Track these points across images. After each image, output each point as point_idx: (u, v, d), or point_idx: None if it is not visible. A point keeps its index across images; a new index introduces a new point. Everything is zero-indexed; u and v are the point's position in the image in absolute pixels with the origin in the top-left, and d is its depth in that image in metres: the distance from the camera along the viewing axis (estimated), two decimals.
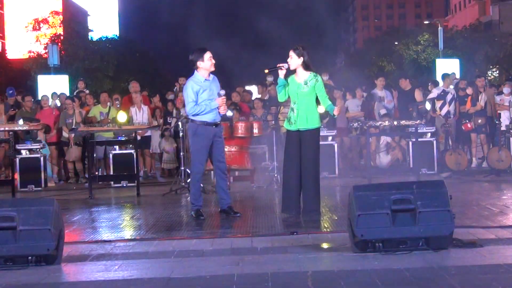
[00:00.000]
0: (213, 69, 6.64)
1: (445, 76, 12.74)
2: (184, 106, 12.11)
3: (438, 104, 11.69)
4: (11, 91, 12.90)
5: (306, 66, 6.63)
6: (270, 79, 13.22)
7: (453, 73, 15.43)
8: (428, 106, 10.92)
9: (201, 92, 6.55)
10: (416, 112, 11.59)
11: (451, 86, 12.58)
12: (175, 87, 13.59)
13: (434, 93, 11.82)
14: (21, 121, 10.43)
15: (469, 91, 11.66)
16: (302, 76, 6.62)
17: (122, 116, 9.82)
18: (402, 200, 4.51)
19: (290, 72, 6.82)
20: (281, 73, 6.62)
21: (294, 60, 6.62)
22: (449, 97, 11.66)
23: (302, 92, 6.57)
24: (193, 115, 6.62)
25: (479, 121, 11.58)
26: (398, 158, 11.40)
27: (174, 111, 12.20)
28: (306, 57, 6.62)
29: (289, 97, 6.71)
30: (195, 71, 6.66)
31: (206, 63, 6.59)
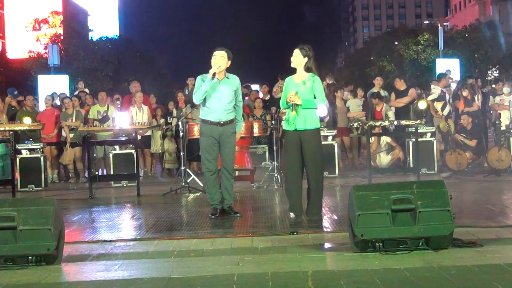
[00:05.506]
0: (216, 69, 6.51)
1: (441, 76, 12.73)
2: (185, 105, 12.23)
3: (439, 105, 11.69)
4: (15, 92, 12.87)
5: (308, 69, 6.57)
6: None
7: (448, 70, 15.41)
8: (422, 105, 10.91)
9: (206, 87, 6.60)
10: (413, 112, 11.61)
11: (452, 85, 12.58)
12: (186, 86, 13.55)
13: (435, 94, 11.82)
14: (28, 120, 10.44)
15: (465, 93, 11.66)
16: (302, 76, 6.57)
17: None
18: (402, 200, 4.51)
19: (288, 73, 6.78)
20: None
21: (298, 59, 6.52)
22: (447, 97, 11.70)
23: (300, 92, 6.51)
24: (199, 105, 6.82)
25: (475, 121, 11.59)
26: (400, 158, 11.39)
27: (175, 111, 12.20)
28: (310, 60, 6.54)
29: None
30: None
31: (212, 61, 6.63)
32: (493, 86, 13.51)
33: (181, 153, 9.57)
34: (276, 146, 9.68)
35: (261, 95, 13.24)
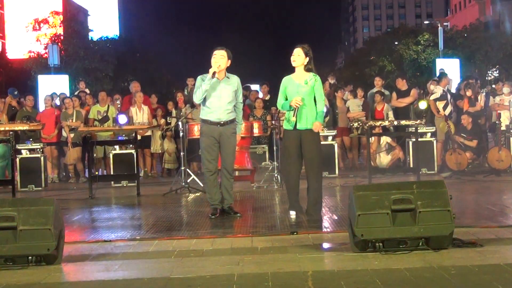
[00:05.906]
0: (216, 68, 6.53)
1: (442, 76, 12.71)
2: (185, 105, 12.23)
3: (441, 104, 11.69)
4: (16, 92, 12.89)
5: (308, 69, 6.57)
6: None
7: (442, 69, 15.42)
8: (423, 105, 10.91)
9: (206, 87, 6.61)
10: (413, 112, 11.60)
11: (453, 86, 12.57)
12: (186, 86, 13.56)
13: (437, 93, 11.81)
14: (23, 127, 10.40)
15: (468, 93, 11.66)
16: (302, 76, 6.57)
17: (122, 118, 9.82)
18: (402, 200, 4.51)
19: (286, 72, 6.78)
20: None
21: (301, 58, 6.52)
22: (448, 96, 11.68)
23: (302, 92, 6.51)
24: (199, 105, 6.85)
25: (478, 121, 11.59)
26: (400, 158, 11.39)
27: (174, 111, 12.20)
28: (311, 60, 6.54)
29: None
30: None
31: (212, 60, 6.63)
32: (493, 86, 13.52)
33: (181, 153, 9.58)
34: (276, 146, 9.69)
35: (261, 95, 13.24)
